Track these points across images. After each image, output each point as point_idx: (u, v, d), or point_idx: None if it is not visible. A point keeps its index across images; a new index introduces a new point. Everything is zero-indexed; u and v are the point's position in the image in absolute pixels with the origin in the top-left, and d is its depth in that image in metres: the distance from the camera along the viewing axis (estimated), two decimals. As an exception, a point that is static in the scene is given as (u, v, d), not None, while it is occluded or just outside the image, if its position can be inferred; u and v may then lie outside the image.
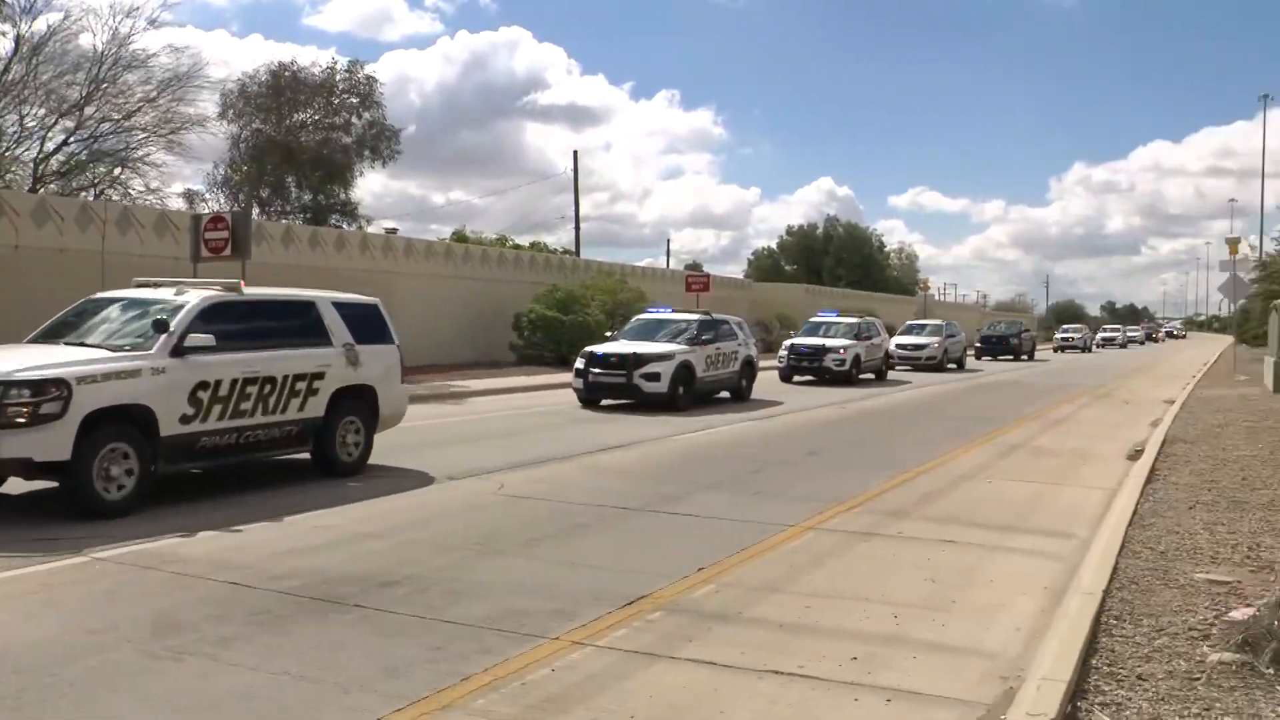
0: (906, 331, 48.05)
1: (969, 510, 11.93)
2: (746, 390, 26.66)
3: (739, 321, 27.87)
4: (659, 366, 23.04)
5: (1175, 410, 23.72)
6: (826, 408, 24.84)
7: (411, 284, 37.48)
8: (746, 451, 16.71)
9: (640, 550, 9.67)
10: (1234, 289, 42.26)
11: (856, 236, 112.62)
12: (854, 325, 35.77)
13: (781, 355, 34.68)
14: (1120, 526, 10.34)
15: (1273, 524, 10.52)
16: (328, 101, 44.27)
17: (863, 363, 34.46)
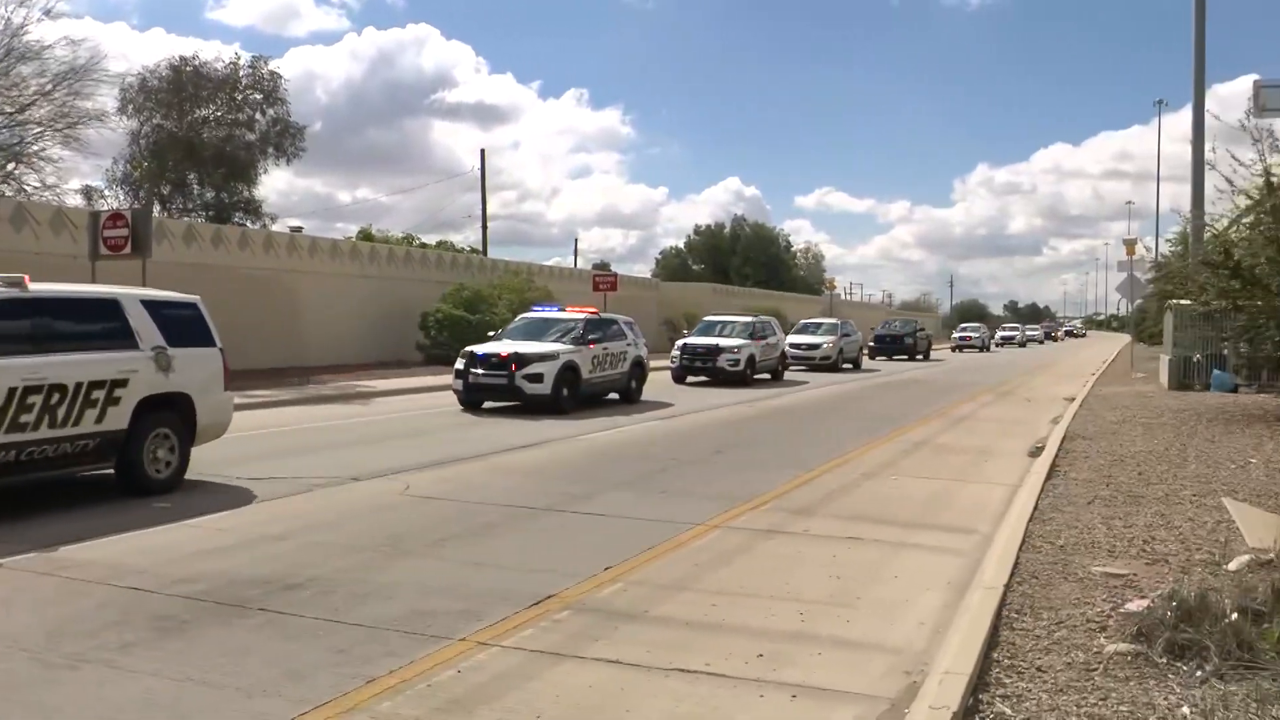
0: (801, 330, 46.86)
1: (874, 507, 12.07)
2: (636, 392, 25.92)
3: (628, 321, 27.09)
4: (542, 367, 22.17)
5: (1075, 408, 24.18)
6: (723, 409, 24.91)
7: (317, 283, 37.10)
8: (653, 450, 16.75)
9: (548, 550, 9.64)
10: (1131, 289, 43.19)
11: (763, 236, 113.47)
12: (749, 324, 35.07)
13: (674, 355, 33.76)
14: (1021, 522, 10.53)
15: (1167, 518, 10.77)
16: (231, 97, 43.54)
17: (758, 363, 33.83)
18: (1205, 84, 32.87)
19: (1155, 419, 21.14)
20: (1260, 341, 20.90)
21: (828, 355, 43.54)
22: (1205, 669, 6.02)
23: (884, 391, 32.30)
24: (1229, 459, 15.04)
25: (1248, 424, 19.85)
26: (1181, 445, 16.64)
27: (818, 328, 46.60)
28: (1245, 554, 8.68)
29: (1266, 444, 16.67)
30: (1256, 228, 21.32)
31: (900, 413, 24.14)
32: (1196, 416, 21.40)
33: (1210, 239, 23.17)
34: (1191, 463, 14.73)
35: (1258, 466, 14.30)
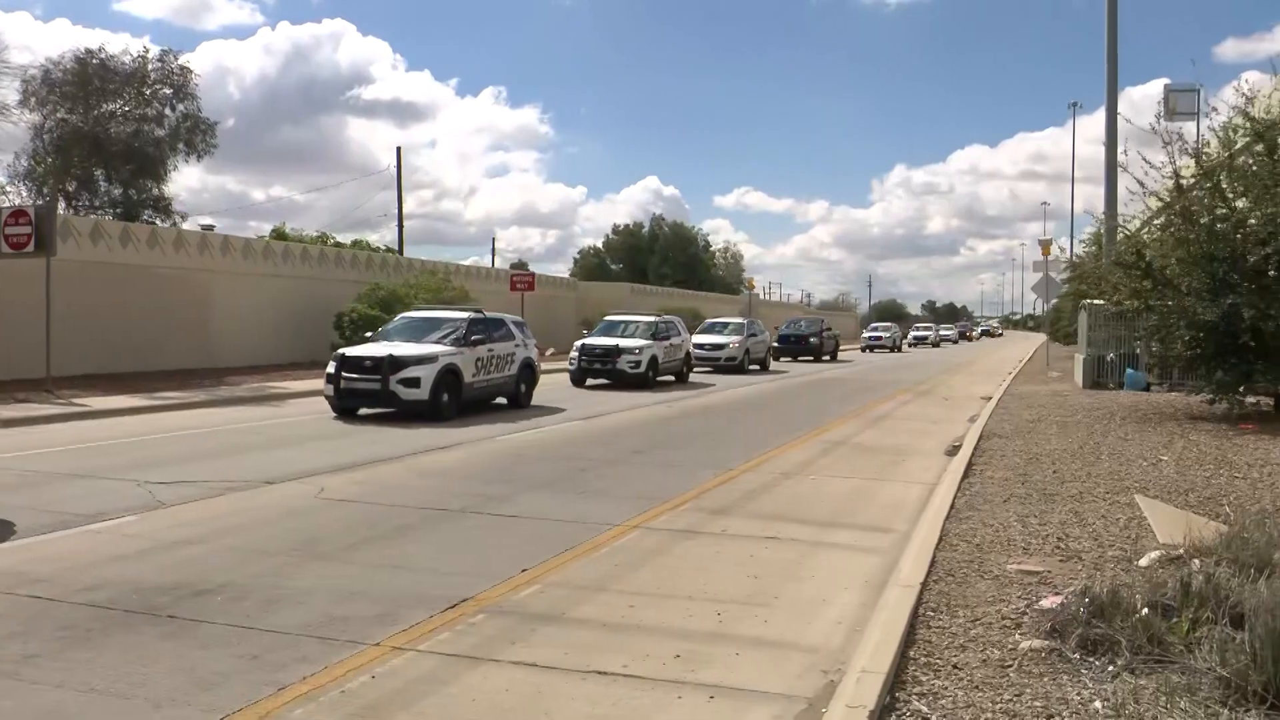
0: (706, 330, 44.50)
1: (792, 507, 12.15)
2: (526, 396, 24.54)
3: (517, 320, 25.80)
4: (419, 370, 20.75)
5: (992, 407, 24.53)
6: (623, 413, 24.94)
7: (229, 283, 36.58)
8: (572, 451, 16.72)
9: (464, 552, 9.59)
10: (1046, 289, 43.89)
11: (682, 236, 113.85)
12: (651, 324, 33.61)
13: (572, 357, 32.06)
14: (938, 520, 10.65)
15: (1081, 515, 10.95)
16: (139, 92, 42.70)
17: (660, 365, 32.45)
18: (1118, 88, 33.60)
19: (1070, 418, 21.50)
20: (1171, 341, 21.32)
21: (734, 356, 41.56)
22: (1117, 663, 6.13)
23: (800, 392, 32.50)
24: (1141, 456, 15.34)
25: (1159, 422, 20.27)
26: (1095, 443, 16.94)
27: (724, 327, 44.54)
28: (1156, 550, 8.85)
29: (1177, 442, 17.02)
30: (1167, 229, 21.82)
31: (818, 412, 24.33)
32: (1110, 415, 21.81)
33: (1123, 240, 23.67)
34: (1105, 460, 15.00)
35: (1169, 464, 14.60)
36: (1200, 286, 19.94)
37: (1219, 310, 19.10)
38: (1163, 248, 21.49)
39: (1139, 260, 21.13)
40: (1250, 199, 20.10)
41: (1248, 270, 19.41)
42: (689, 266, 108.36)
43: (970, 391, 31.91)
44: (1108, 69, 32.75)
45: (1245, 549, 7.75)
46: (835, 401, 27.99)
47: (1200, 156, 21.31)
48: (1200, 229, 20.22)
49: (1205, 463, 14.65)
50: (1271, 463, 14.55)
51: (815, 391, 32.62)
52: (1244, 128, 20.61)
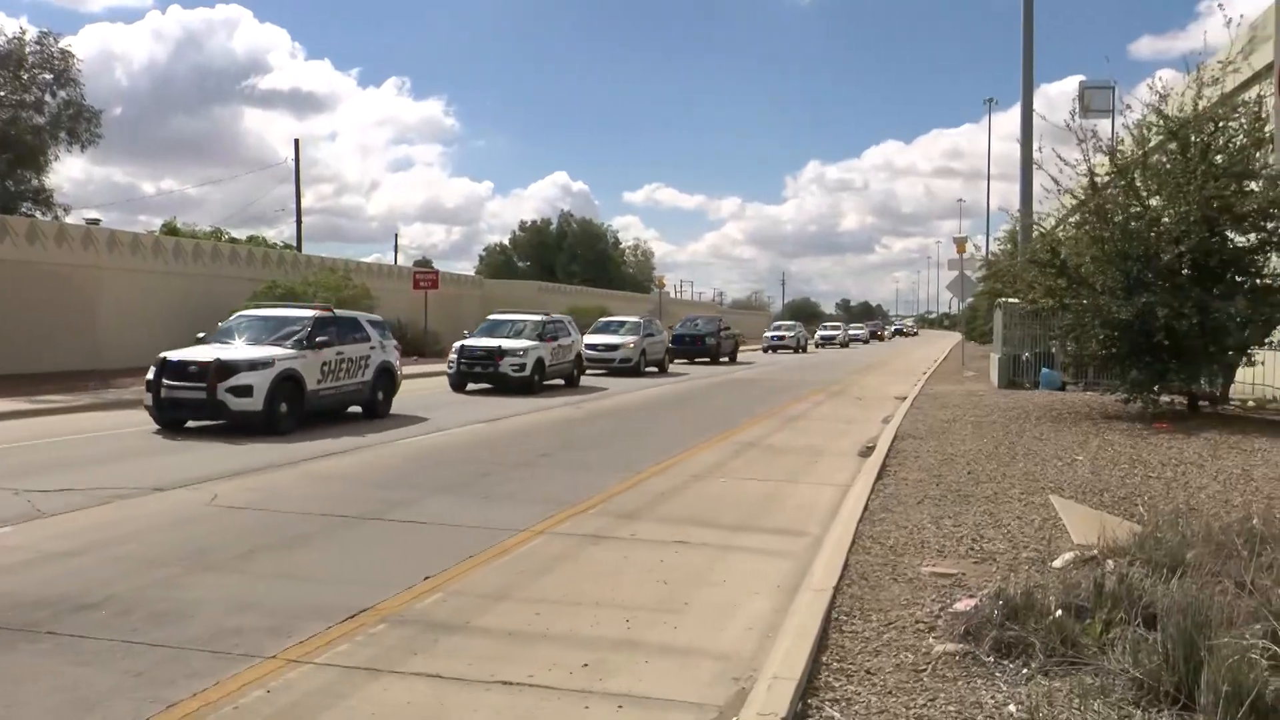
0: (599, 330, 42.56)
1: (702, 510, 12.21)
2: (384, 405, 22.66)
3: (375, 320, 24.01)
4: (251, 377, 18.64)
5: (906, 407, 24.82)
6: (530, 415, 24.89)
7: (117, 280, 35.93)
8: (476, 454, 16.65)
9: (364, 560, 9.51)
10: (962, 287, 44.56)
11: (591, 233, 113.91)
12: (538, 324, 31.86)
13: (451, 360, 30.25)
14: (851, 523, 10.77)
15: (995, 516, 11.13)
16: (16, 76, 41.55)
17: (548, 368, 30.80)
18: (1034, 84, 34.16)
19: (985, 418, 21.83)
20: (1086, 340, 21.68)
21: (629, 358, 39.88)
22: (1031, 666, 6.24)
23: (709, 394, 32.59)
24: (1056, 457, 15.62)
25: (1074, 422, 20.65)
26: (1010, 444, 17.22)
27: (619, 326, 42.66)
28: (1070, 551, 9.01)
29: (1092, 441, 17.35)
30: (1082, 227, 22.25)
31: (730, 414, 24.45)
32: (1025, 415, 22.18)
33: (1038, 238, 24.06)
34: (1020, 461, 15.25)
35: (1083, 464, 14.89)
36: (1115, 285, 20.33)
37: (1133, 309, 19.49)
38: (1077, 246, 21.87)
39: (1054, 258, 21.49)
40: (1164, 197, 20.53)
41: (1161, 269, 19.85)
42: (598, 264, 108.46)
43: (884, 391, 32.26)
44: (1023, 65, 33.30)
45: (1158, 549, 7.92)
46: (747, 402, 28.14)
47: (1115, 154, 21.77)
48: (1114, 227, 20.62)
49: (1120, 462, 14.96)
50: (1185, 462, 14.89)
51: (725, 393, 32.70)
52: (1158, 126, 21.06)
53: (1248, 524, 8.68)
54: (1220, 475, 13.64)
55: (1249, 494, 12.17)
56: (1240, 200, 19.46)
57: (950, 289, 47.26)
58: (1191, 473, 13.93)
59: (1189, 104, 20.74)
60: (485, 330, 32.11)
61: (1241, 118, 20.55)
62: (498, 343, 29.99)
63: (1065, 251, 21.71)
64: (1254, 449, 16.12)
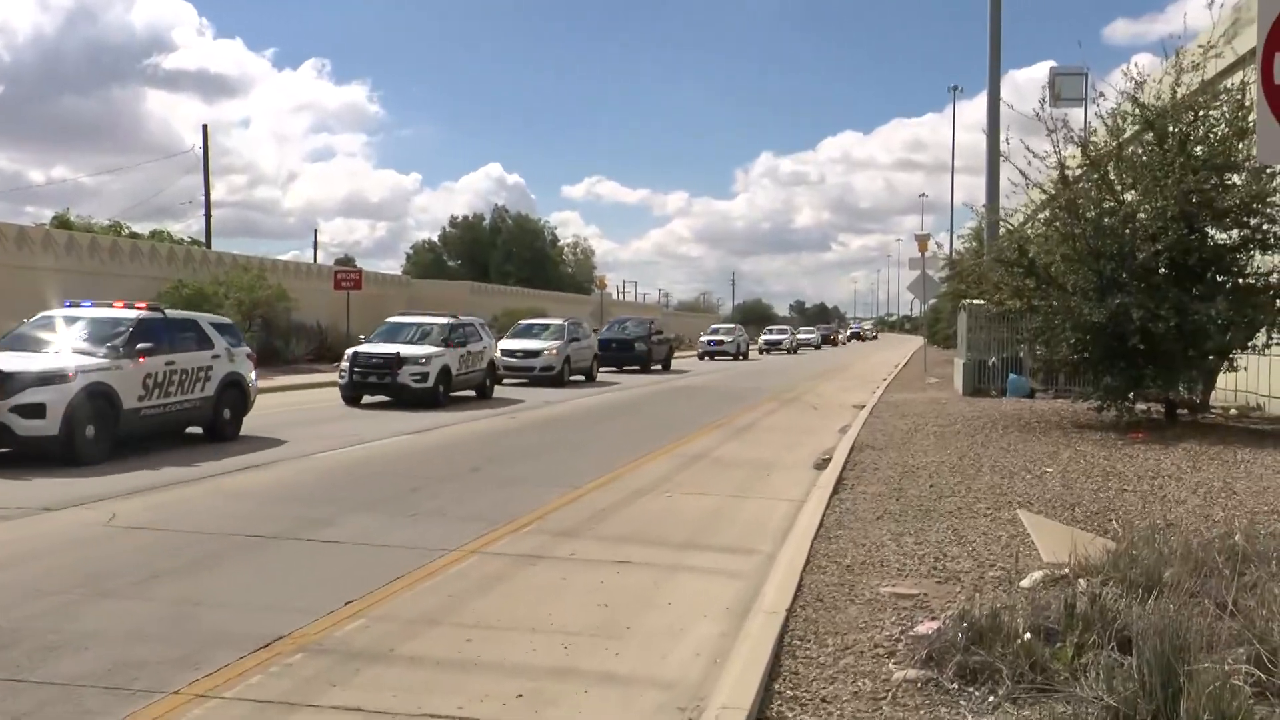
0: (518, 334, 40.64)
1: (646, 528, 12.23)
2: (231, 425, 20.35)
3: (222, 323, 21.84)
4: (42, 394, 16.16)
5: (865, 416, 24.98)
6: (458, 426, 24.79)
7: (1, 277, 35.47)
8: (402, 468, 16.58)
9: (279, 584, 9.43)
10: (924, 288, 44.87)
11: (527, 229, 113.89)
12: (445, 327, 30.05)
13: (342, 369, 28.16)
14: (805, 540, 10.81)
15: (959, 533, 11.21)
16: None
17: (455, 377, 29.07)
18: (1001, 70, 34.39)
19: (949, 427, 21.99)
20: (1056, 344, 21.84)
21: (551, 366, 37.83)
22: (998, 693, 6.27)
23: (652, 402, 32.62)
24: (1025, 469, 15.76)
25: (1044, 431, 20.85)
26: (976, 455, 17.36)
27: (541, 330, 40.62)
28: (1039, 570, 9.08)
29: (1063, 452, 17.52)
30: (1052, 223, 22.41)
31: (675, 424, 24.49)
32: (991, 424, 22.37)
33: (1005, 235, 24.19)
34: (986, 474, 15.37)
35: (1054, 476, 15.02)
36: (1086, 285, 20.50)
37: (1106, 311, 19.62)
38: (1047, 244, 22.04)
39: (1021, 257, 21.66)
40: (1139, 191, 20.74)
41: (1137, 268, 20.01)
42: (535, 263, 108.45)
43: (841, 400, 32.44)
44: (990, 51, 33.58)
45: (1134, 567, 7.98)
46: (693, 412, 28.20)
47: (1087, 146, 21.90)
48: (1086, 224, 20.76)
49: (1093, 475, 15.11)
50: (1163, 474, 15.06)
51: (667, 402, 32.76)
52: (1133, 115, 21.20)
53: (1230, 540, 8.76)
54: (1200, 488, 13.79)
55: (1231, 508, 12.32)
56: (1221, 195, 19.64)
57: (911, 290, 47.65)
58: (1169, 485, 14.09)
59: (1167, 91, 20.89)
60: (384, 335, 30.32)
61: (1224, 106, 20.65)
62: (396, 349, 28.09)
63: (1034, 250, 21.89)
64: (1237, 460, 16.32)
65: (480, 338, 31.98)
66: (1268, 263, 20.43)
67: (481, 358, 31.44)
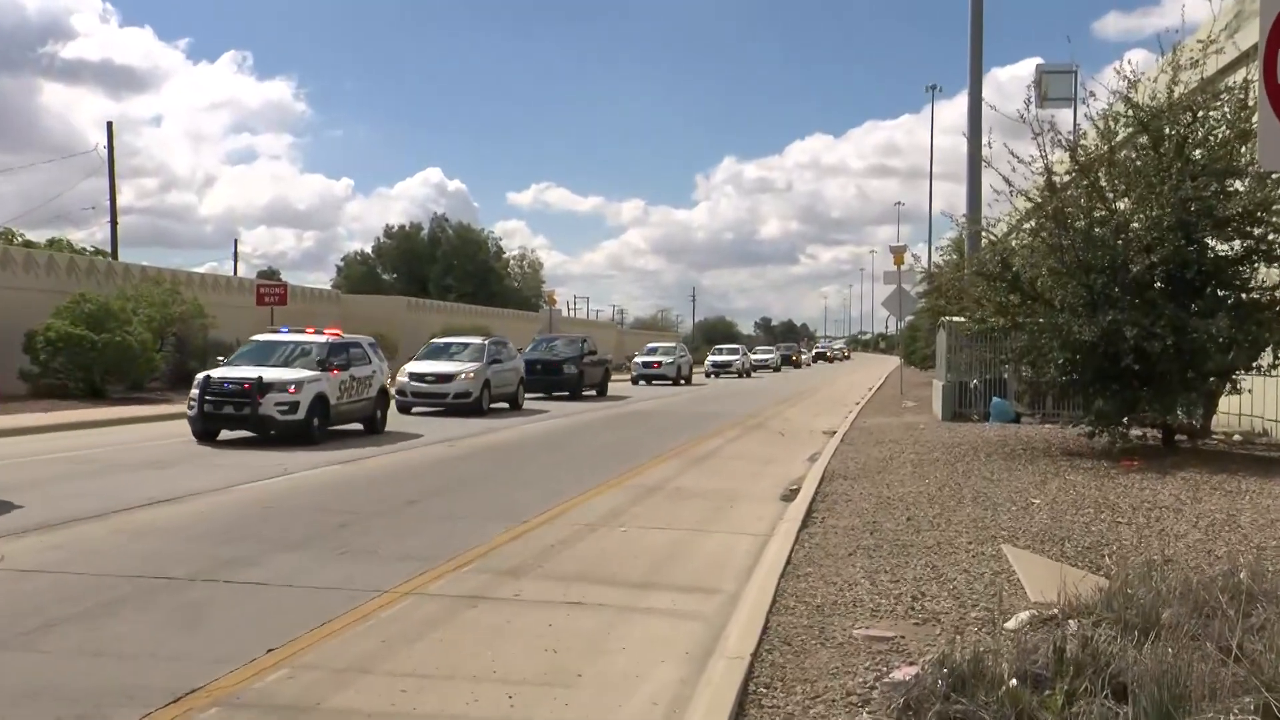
0: (430, 354, 38.47)
1: (599, 565, 12.23)
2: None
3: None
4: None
5: (836, 443, 25.08)
6: (392, 454, 24.70)
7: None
8: (331, 502, 16.52)
9: (193, 631, 9.35)
10: (900, 304, 45.13)
11: (470, 240, 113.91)
12: (325, 346, 27.41)
13: (192, 396, 25.41)
14: (772, 578, 10.83)
15: (939, 570, 11.25)
16: None
17: (335, 407, 26.39)
18: (983, 68, 34.69)
19: (927, 455, 22.10)
20: (1043, 364, 21.92)
21: (467, 391, 35.36)
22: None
23: (603, 429, 32.58)
24: (1010, 500, 15.84)
25: (1030, 459, 20.96)
26: (956, 485, 17.45)
27: (458, 350, 38.33)
28: (1026, 609, 9.13)
29: (1051, 482, 17.62)
30: (1038, 234, 22.49)
31: (630, 452, 24.51)
32: (974, 451, 22.48)
33: (987, 246, 24.30)
34: (968, 505, 15.46)
35: (1041, 508, 15.11)
36: (1076, 301, 20.61)
37: (1097, 328, 19.72)
38: (1033, 256, 22.15)
39: (1005, 270, 21.76)
40: (1133, 199, 20.85)
41: (1130, 282, 20.13)
42: (479, 277, 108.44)
43: (811, 425, 32.57)
44: (971, 47, 33.86)
45: (1129, 607, 8.01)
46: (646, 439, 28.22)
47: (1076, 150, 22.00)
48: (1076, 234, 20.92)
49: (1084, 506, 15.20)
50: (1160, 505, 15.16)
51: (617, 429, 32.79)
52: (1126, 116, 21.36)
53: (1234, 578, 8.78)
54: (1201, 521, 13.89)
55: (1235, 543, 12.40)
56: (1222, 202, 19.72)
57: (886, 306, 47.85)
58: (1167, 518, 14.18)
59: (1163, 91, 21.00)
60: (250, 356, 27.65)
61: (1225, 106, 20.74)
62: (258, 373, 25.37)
63: (1019, 262, 21.99)
64: (1241, 490, 16.44)
65: (369, 360, 29.11)
66: (1273, 276, 20.52)
67: (369, 384, 28.47)
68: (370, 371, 28.80)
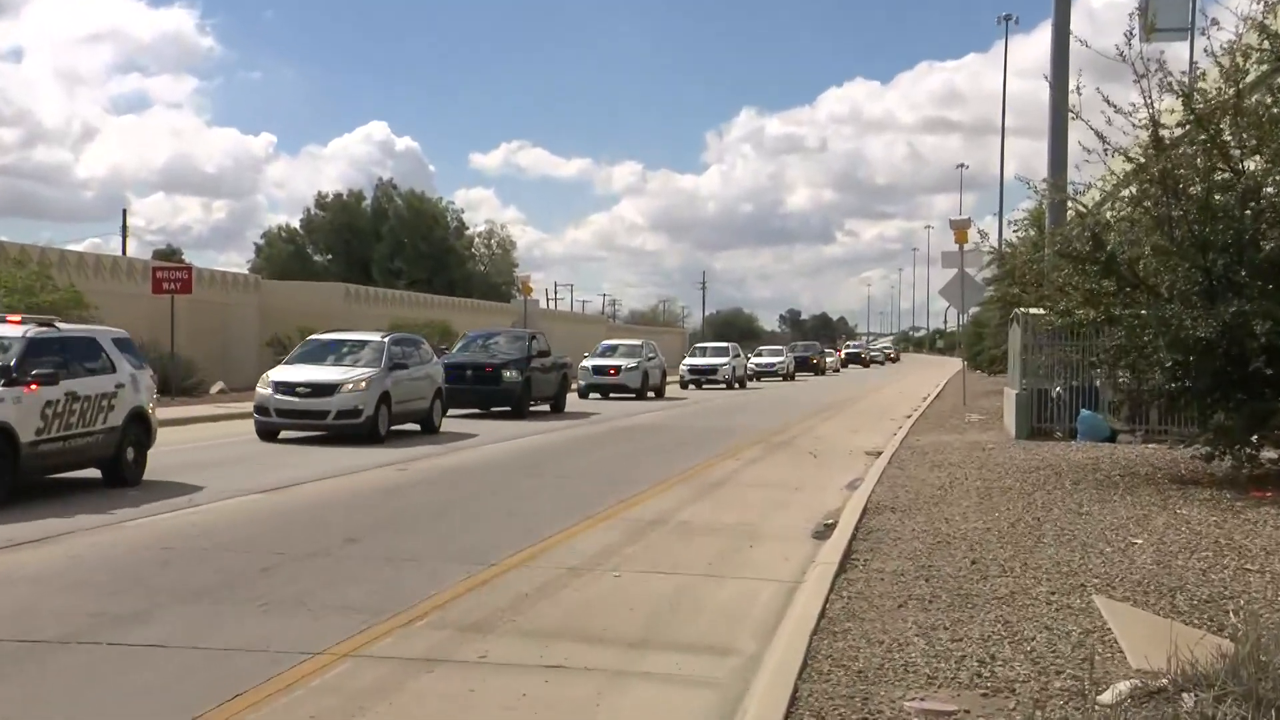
0: (304, 356, 34.36)
1: (585, 619, 12.22)
2: None
3: None
4: None
5: (882, 466, 25.06)
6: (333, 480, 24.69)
7: None
8: (253, 539, 16.47)
9: (63, 709, 9.30)
10: (962, 293, 44.99)
11: (424, 213, 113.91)
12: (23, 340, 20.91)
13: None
14: (802, 636, 10.81)
15: (1013, 626, 11.20)
16: None
17: (46, 443, 20.10)
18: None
19: (997, 482, 22.11)
20: (1146, 368, 21.64)
21: (353, 408, 31.13)
22: None
23: (584, 450, 32.61)
24: (1103, 539, 15.82)
25: (1130, 488, 20.93)
26: (1035, 520, 17.45)
27: (354, 350, 34.26)
28: (1126, 679, 9.08)
29: (1157, 517, 17.57)
30: (1140, 203, 22.22)
31: (628, 475, 24.56)
32: (1056, 477, 22.47)
33: (1074, 220, 24.19)
34: (1049, 545, 15.44)
35: (1144, 549, 15.05)
36: (1189, 288, 20.43)
37: (1217, 322, 19.46)
38: (1133, 231, 21.98)
39: (1097, 250, 21.52)
40: (1266, 157, 20.60)
41: (1261, 263, 19.91)
42: (435, 259, 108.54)
43: (850, 444, 32.54)
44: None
45: (1262, 678, 7.90)
46: (648, 460, 28.25)
47: (1192, 95, 21.45)
48: (1190, 203, 20.65)
49: (1200, 548, 15.15)
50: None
51: (604, 448, 32.79)
52: (1261, 50, 21.00)
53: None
54: (1356, 569, 13.83)
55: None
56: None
57: (945, 295, 47.84)
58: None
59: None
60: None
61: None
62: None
63: (1115, 239, 21.82)
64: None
65: (115, 368, 24.64)
66: None
67: (113, 405, 23.13)
68: (114, 387, 24.97)
